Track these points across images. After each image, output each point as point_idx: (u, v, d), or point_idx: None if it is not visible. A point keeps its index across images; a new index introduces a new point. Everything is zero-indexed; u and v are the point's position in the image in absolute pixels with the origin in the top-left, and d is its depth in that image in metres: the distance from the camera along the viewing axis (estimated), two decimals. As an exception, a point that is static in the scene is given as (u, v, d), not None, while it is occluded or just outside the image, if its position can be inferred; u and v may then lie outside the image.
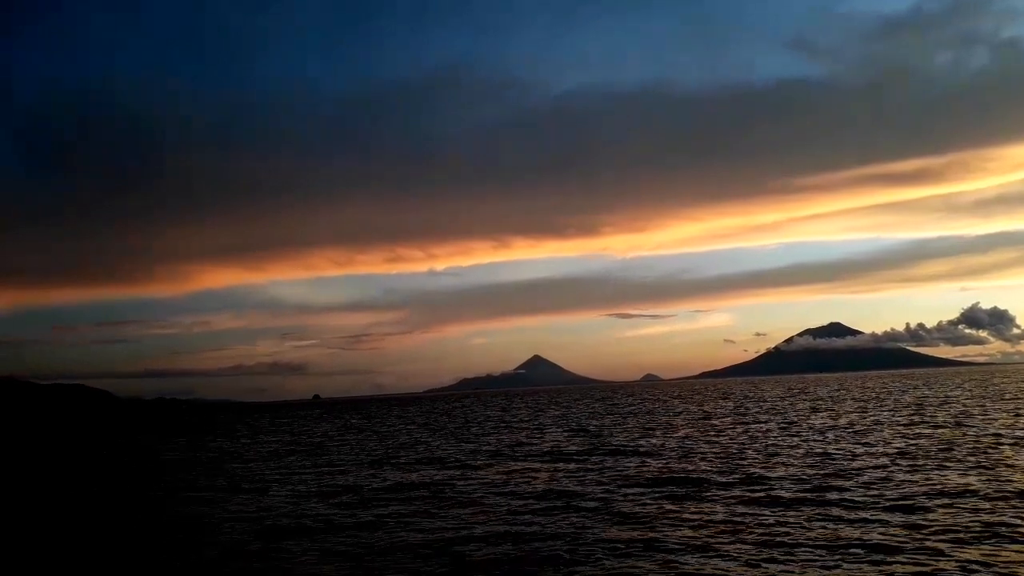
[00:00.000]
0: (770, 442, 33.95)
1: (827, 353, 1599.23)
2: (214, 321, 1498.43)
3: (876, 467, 24.13)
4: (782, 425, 44.21)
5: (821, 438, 34.76)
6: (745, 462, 26.98)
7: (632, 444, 35.99)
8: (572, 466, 28.55)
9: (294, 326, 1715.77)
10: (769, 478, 22.81)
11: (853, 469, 23.91)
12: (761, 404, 76.01)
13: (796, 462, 26.25)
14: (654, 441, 37.30)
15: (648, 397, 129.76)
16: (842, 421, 44.94)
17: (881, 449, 29.06)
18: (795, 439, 34.87)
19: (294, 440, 54.60)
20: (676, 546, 14.82)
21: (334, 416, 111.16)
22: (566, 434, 45.62)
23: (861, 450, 29.08)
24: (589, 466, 28.16)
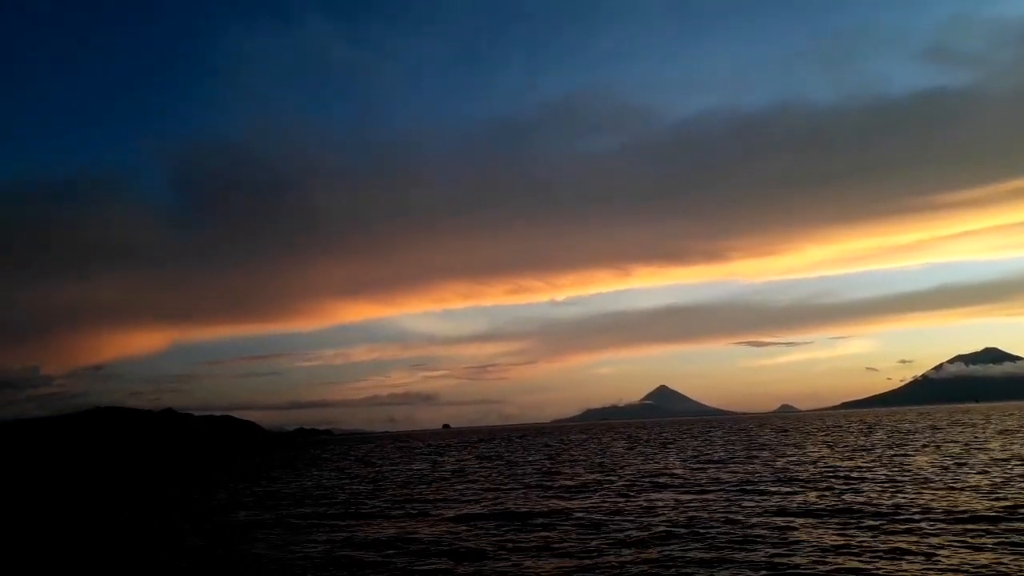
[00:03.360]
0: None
1: (983, 381, 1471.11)
2: (351, 354, 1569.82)
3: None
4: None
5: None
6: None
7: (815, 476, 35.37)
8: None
9: (424, 357, 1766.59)
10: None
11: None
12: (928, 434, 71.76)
13: (971, 493, 25.23)
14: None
15: (795, 430, 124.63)
16: None
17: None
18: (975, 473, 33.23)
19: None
20: None
21: (472, 446, 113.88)
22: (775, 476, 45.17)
23: None
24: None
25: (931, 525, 19.95)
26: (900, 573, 15.09)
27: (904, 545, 17.63)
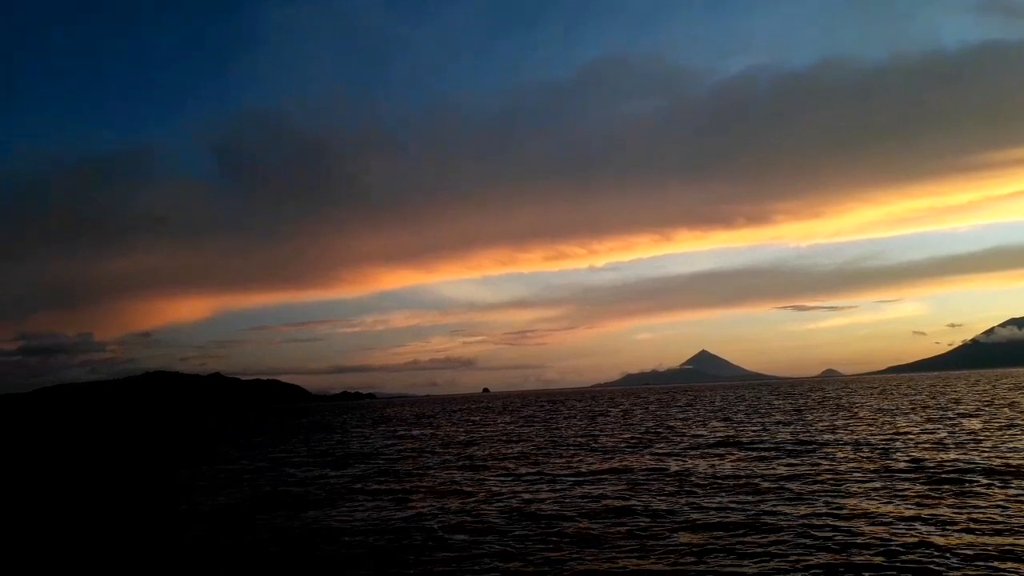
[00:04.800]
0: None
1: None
2: (392, 320, 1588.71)
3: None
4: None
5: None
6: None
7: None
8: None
9: (463, 323, 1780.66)
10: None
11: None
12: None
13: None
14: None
15: (850, 392, 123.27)
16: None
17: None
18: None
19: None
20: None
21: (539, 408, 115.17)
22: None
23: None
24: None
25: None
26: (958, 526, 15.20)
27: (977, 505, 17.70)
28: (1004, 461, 24.56)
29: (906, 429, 39.08)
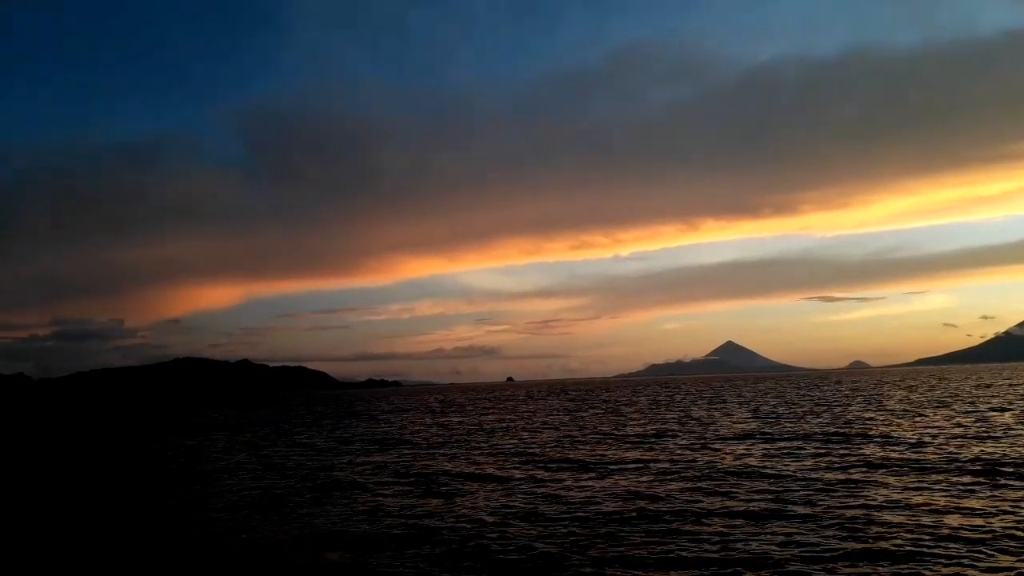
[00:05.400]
0: None
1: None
2: (417, 308, 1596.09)
3: None
4: None
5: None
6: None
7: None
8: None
9: (487, 312, 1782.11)
10: None
11: None
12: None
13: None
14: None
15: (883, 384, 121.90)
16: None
17: None
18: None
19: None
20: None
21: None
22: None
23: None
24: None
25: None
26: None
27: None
28: (1037, 455, 24.29)
29: (938, 422, 38.70)
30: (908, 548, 13.49)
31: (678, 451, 29.57)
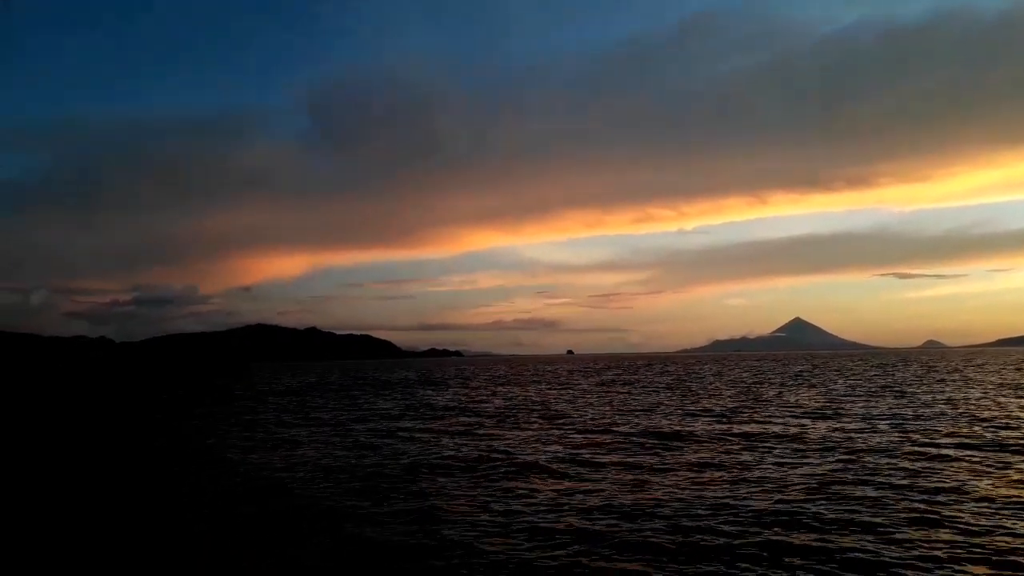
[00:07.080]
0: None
1: None
2: (478, 280, 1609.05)
3: None
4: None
5: None
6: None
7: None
8: None
9: (547, 284, 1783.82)
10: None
11: None
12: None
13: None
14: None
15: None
16: None
17: None
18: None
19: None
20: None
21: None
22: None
23: None
24: None
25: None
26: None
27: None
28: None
29: (1020, 406, 37.72)
30: (978, 541, 13.62)
31: (746, 427, 29.77)
